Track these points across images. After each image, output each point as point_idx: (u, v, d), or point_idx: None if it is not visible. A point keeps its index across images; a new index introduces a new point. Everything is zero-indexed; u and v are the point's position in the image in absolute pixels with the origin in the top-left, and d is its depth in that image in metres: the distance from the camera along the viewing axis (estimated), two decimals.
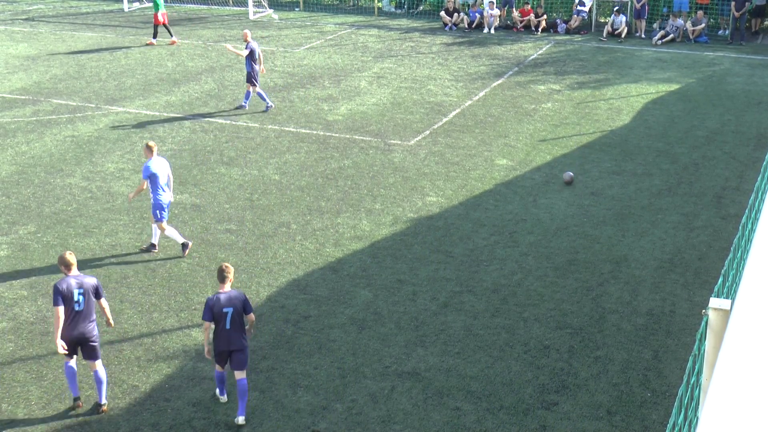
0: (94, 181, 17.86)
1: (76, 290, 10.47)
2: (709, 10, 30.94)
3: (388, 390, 11.17)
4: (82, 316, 10.52)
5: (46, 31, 31.96)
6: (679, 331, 12.46)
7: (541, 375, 11.49)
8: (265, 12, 34.88)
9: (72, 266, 10.67)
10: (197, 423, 10.62)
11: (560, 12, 33.15)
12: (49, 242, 15.22)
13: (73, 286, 10.48)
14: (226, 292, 10.49)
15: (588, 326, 12.60)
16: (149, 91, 24.10)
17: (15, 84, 24.91)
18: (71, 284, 10.48)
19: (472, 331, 12.47)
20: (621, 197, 16.98)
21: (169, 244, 15.05)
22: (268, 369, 11.65)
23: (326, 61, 27.41)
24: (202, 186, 17.58)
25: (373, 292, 13.53)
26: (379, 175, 18.07)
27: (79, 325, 10.51)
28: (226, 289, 10.54)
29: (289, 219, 16.08)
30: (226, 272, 10.56)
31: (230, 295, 10.48)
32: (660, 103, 23.01)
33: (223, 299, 10.39)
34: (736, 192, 17.20)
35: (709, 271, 14.08)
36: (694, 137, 20.38)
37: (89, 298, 10.60)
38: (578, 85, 24.77)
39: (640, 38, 30.52)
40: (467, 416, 10.70)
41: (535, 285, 13.73)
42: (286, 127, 21.06)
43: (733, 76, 25.54)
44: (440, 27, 32.44)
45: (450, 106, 22.75)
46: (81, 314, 10.50)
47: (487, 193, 17.22)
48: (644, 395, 11.08)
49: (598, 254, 14.73)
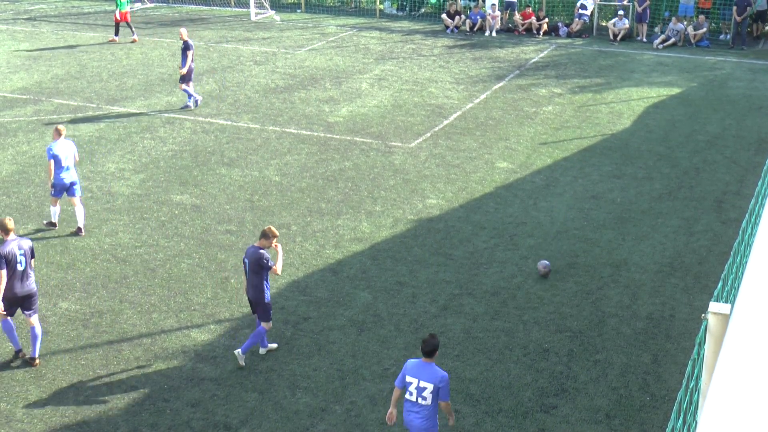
0: (95, 181, 17.86)
1: (18, 252, 11.45)
2: (711, 14, 30.96)
3: (387, 392, 11.16)
4: (26, 274, 11.59)
5: (47, 30, 31.98)
6: (679, 335, 12.46)
7: (540, 378, 11.49)
8: (266, 13, 34.91)
9: (11, 231, 11.63)
10: (196, 424, 10.61)
11: (562, 15, 33.17)
12: (49, 242, 15.22)
13: (15, 249, 11.45)
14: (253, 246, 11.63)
15: (587, 330, 12.60)
16: (150, 91, 24.11)
17: (16, 83, 24.93)
18: (13, 247, 11.44)
19: (472, 333, 12.46)
20: (621, 201, 16.98)
21: (169, 245, 15.06)
22: (267, 370, 11.65)
23: (327, 63, 27.43)
24: (203, 187, 17.58)
25: (373, 294, 13.53)
26: (379, 177, 18.08)
27: (24, 282, 11.58)
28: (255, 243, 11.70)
29: (290, 220, 16.08)
30: (269, 232, 11.55)
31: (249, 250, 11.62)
32: (661, 107, 23.01)
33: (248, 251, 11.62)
34: (737, 196, 17.20)
35: (709, 275, 14.08)
36: (695, 141, 20.38)
37: (28, 258, 11.62)
38: (579, 88, 24.78)
39: (642, 42, 30.53)
40: (466, 419, 10.69)
41: (535, 288, 13.73)
42: (287, 129, 21.07)
43: (734, 81, 25.55)
44: (442, 29, 32.46)
45: (451, 108, 22.76)
46: (25, 273, 11.56)
47: (487, 196, 17.22)
48: (643, 399, 11.07)
49: (598, 258, 14.73)
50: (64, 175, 15.17)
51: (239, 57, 28.18)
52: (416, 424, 9.26)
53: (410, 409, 9.28)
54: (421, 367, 9.24)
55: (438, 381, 9.14)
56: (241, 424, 10.58)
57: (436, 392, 9.17)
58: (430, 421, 9.26)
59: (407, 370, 9.31)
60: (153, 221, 16.04)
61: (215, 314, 13.04)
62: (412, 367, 9.30)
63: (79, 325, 12.73)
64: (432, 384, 9.13)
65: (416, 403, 9.22)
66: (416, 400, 9.21)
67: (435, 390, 9.15)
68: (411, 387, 9.24)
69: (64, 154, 15.14)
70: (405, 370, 9.34)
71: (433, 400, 9.20)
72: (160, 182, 17.81)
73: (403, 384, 9.34)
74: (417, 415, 9.23)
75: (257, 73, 26.23)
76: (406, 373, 9.31)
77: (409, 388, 9.27)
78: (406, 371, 9.31)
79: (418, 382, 9.18)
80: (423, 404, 9.19)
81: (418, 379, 9.19)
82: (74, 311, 13.08)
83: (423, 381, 9.16)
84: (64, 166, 15.13)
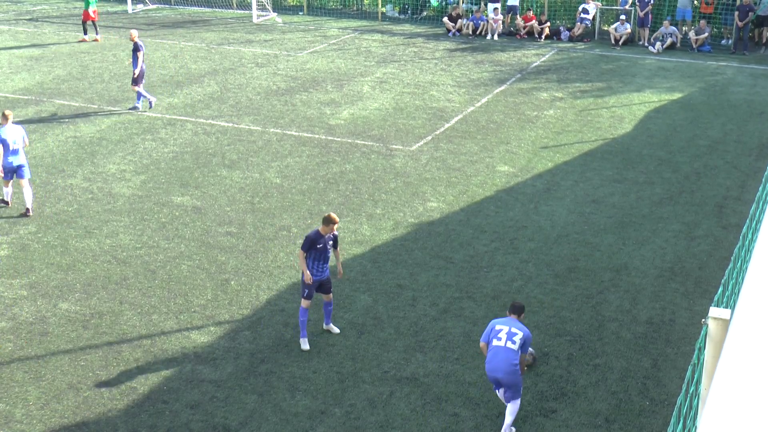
0: (96, 182, 17.87)
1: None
2: (713, 19, 30.97)
3: (386, 395, 11.16)
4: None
5: (49, 31, 32.01)
6: (679, 340, 12.45)
7: (539, 382, 11.48)
8: (268, 15, 34.93)
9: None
10: (195, 426, 10.61)
11: (563, 19, 33.18)
12: (50, 242, 15.23)
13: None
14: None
15: (587, 334, 12.59)
16: (152, 92, 24.11)
17: (18, 84, 24.94)
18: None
19: (472, 337, 12.46)
20: (622, 205, 16.98)
21: (169, 246, 15.06)
22: (266, 372, 11.65)
23: (329, 66, 27.44)
24: (204, 188, 17.59)
25: (373, 297, 13.52)
26: (380, 180, 18.08)
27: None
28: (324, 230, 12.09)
29: (290, 222, 16.08)
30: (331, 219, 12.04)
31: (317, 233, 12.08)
32: (662, 112, 23.02)
33: None
34: (738, 202, 17.20)
35: (710, 280, 14.08)
36: (696, 146, 20.39)
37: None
38: (581, 92, 24.79)
39: (644, 46, 30.55)
40: (465, 422, 10.69)
41: (535, 292, 13.73)
42: (288, 131, 21.08)
43: (735, 86, 25.56)
44: (443, 33, 32.48)
45: (452, 111, 22.76)
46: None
47: (488, 200, 17.22)
48: (643, 404, 11.06)
49: (598, 262, 14.72)
50: (12, 159, 16.12)
51: (241, 59, 28.20)
52: (502, 368, 10.24)
53: (497, 353, 10.29)
54: (511, 321, 10.55)
55: (527, 333, 10.48)
56: (241, 426, 10.58)
57: (523, 342, 10.35)
58: (516, 366, 10.29)
59: (495, 323, 10.57)
60: (153, 223, 16.05)
61: (215, 316, 13.04)
62: (502, 321, 10.60)
63: (79, 326, 12.73)
64: (522, 332, 10.39)
65: (505, 348, 10.28)
66: (505, 344, 10.29)
67: (523, 339, 10.36)
68: (501, 333, 10.38)
69: (12, 138, 16.10)
70: (492, 325, 10.56)
71: (519, 348, 10.34)
72: (161, 184, 17.81)
73: (489, 338, 10.48)
74: (504, 357, 10.25)
75: (259, 75, 26.25)
76: (494, 325, 10.53)
77: (498, 335, 10.38)
78: (495, 324, 10.55)
79: (510, 328, 10.39)
80: (511, 348, 10.27)
81: (509, 326, 10.41)
82: (74, 312, 13.08)
83: (515, 328, 10.40)
84: (12, 149, 16.09)
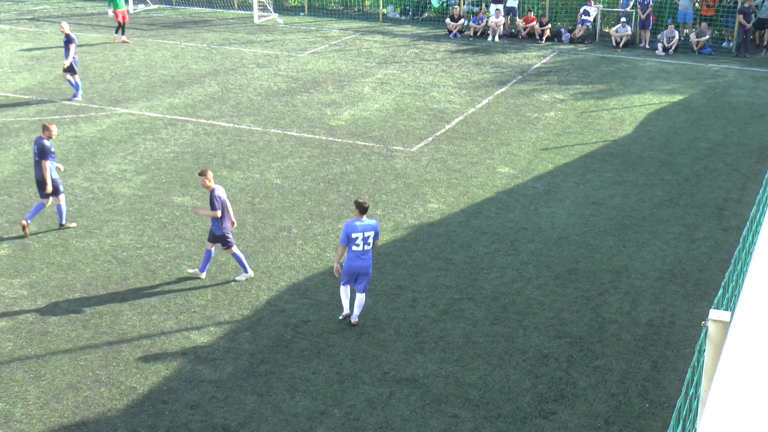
0: (96, 182, 17.88)
1: None
2: (714, 21, 30.97)
3: (386, 396, 11.16)
4: None
5: (50, 31, 32.02)
6: (679, 342, 12.45)
7: (539, 384, 11.48)
8: (269, 16, 34.95)
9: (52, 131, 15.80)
10: (194, 426, 10.60)
11: (564, 21, 33.19)
12: (50, 242, 15.23)
13: None
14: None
15: (587, 336, 12.59)
16: (153, 92, 24.14)
17: (19, 83, 24.96)
18: None
19: (471, 338, 12.46)
20: (622, 207, 16.98)
21: (170, 246, 15.06)
22: (266, 373, 11.65)
23: (330, 66, 27.45)
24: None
25: (373, 298, 13.52)
26: (380, 181, 18.08)
27: None
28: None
29: (290, 223, 16.09)
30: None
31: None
32: (663, 114, 23.02)
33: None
34: (738, 204, 17.20)
35: (710, 282, 14.08)
36: (697, 149, 20.39)
37: None
38: (581, 94, 24.79)
39: (645, 48, 30.55)
40: (465, 424, 10.69)
41: (535, 294, 13.73)
42: (288, 132, 21.09)
43: (736, 89, 25.56)
44: (444, 34, 32.49)
45: (453, 113, 22.77)
46: None
47: (488, 201, 17.22)
48: (642, 406, 11.06)
49: (598, 264, 14.72)
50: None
51: (242, 59, 28.21)
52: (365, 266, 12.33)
53: (359, 256, 12.29)
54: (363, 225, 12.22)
55: (376, 227, 12.38)
56: (240, 427, 10.57)
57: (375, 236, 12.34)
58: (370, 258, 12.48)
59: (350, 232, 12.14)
60: (154, 223, 16.05)
61: (215, 316, 13.04)
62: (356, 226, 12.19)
63: (79, 325, 12.73)
64: (373, 231, 12.30)
65: (362, 250, 12.27)
66: (363, 248, 12.26)
67: (375, 235, 12.33)
68: (358, 240, 12.17)
69: None
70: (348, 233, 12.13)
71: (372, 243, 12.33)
72: (162, 184, 17.82)
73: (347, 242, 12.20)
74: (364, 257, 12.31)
75: (260, 75, 26.26)
76: (350, 234, 12.13)
77: (356, 241, 12.18)
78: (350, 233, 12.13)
79: (363, 234, 12.19)
80: (367, 249, 12.31)
81: (362, 232, 12.18)
82: (74, 312, 13.08)
83: (367, 232, 12.24)
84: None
